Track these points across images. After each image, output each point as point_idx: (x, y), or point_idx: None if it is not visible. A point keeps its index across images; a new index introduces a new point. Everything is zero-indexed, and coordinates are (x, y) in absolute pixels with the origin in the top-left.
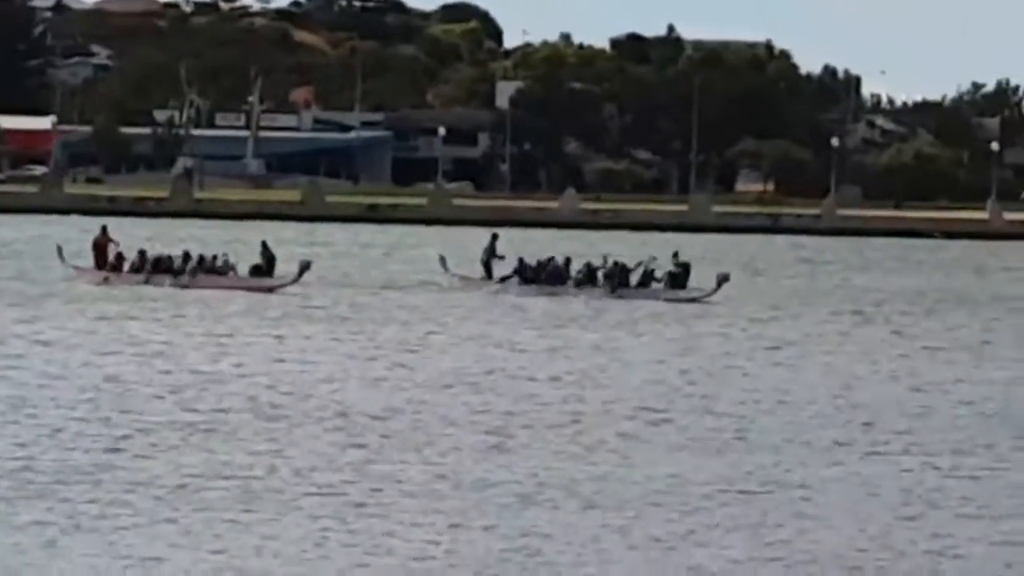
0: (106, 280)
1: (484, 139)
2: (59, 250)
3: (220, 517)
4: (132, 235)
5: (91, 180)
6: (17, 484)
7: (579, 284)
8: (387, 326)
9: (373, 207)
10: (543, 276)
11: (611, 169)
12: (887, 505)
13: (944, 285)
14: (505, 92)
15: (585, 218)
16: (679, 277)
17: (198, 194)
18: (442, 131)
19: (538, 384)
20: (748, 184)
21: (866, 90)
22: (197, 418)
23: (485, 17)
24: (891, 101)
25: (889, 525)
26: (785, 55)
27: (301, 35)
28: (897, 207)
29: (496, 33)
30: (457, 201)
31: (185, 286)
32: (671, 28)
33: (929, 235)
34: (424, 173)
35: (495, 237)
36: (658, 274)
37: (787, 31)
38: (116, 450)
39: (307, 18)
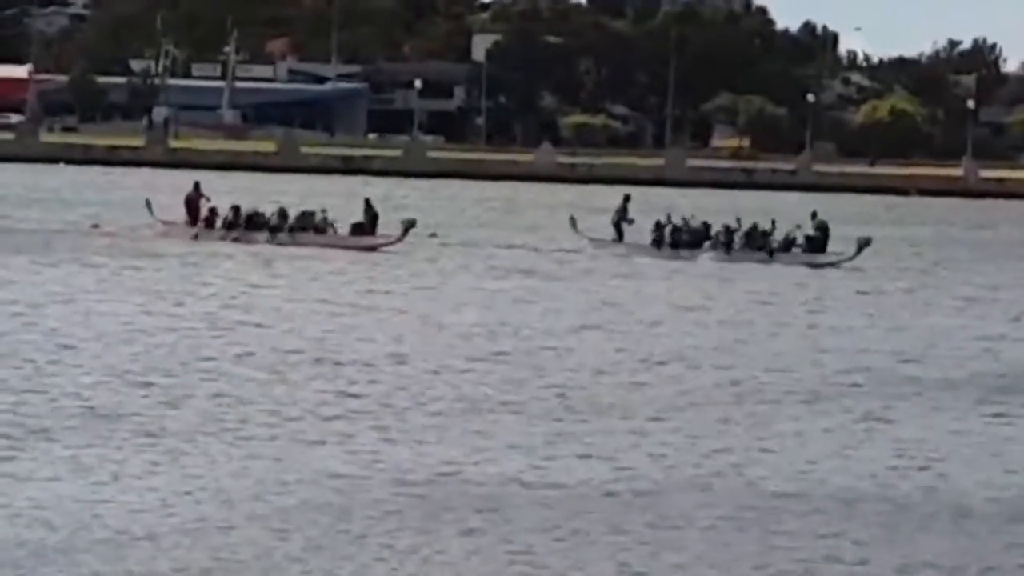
0: (196, 237)
1: (460, 92)
2: (148, 203)
3: None
4: (118, 184)
5: (66, 129)
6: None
7: (715, 247)
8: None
9: (348, 159)
10: (682, 239)
11: (586, 123)
12: None
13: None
14: (481, 45)
15: (560, 172)
16: (817, 240)
17: (173, 143)
18: (418, 84)
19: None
20: (723, 139)
21: (842, 47)
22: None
23: None
24: (867, 58)
25: None
26: (762, 11)
27: None
28: (872, 164)
29: None
30: (432, 154)
31: (282, 244)
32: None
33: (904, 192)
34: (400, 125)
35: (627, 199)
36: (798, 238)
37: None
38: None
39: None
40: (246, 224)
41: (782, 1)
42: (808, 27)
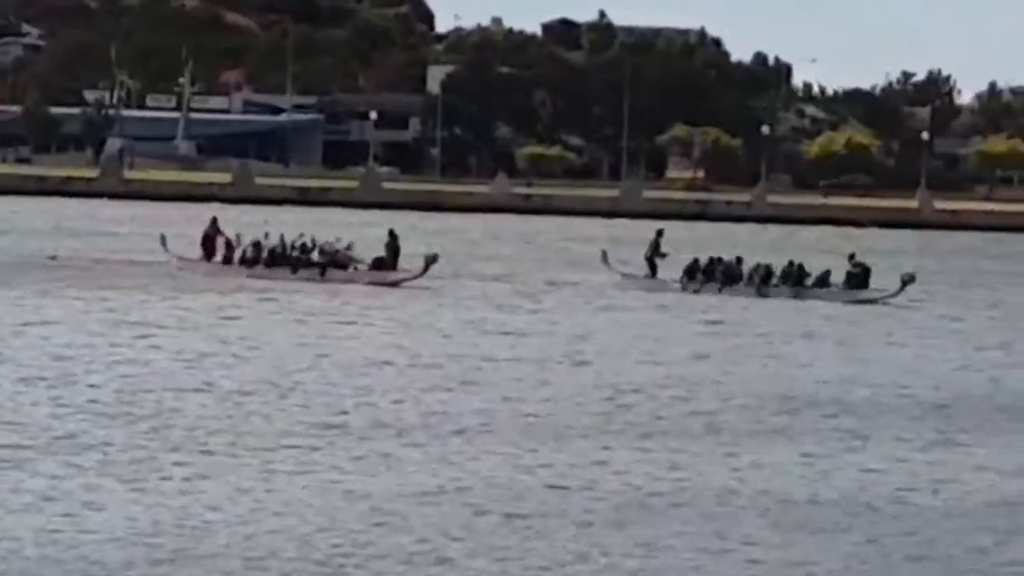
0: (212, 272)
1: (415, 123)
2: (162, 239)
3: None
4: (72, 215)
5: (20, 160)
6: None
7: (751, 283)
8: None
9: (303, 190)
10: (716, 275)
11: (542, 154)
12: None
13: None
14: (436, 76)
15: (516, 203)
16: (858, 277)
17: (128, 175)
18: (373, 115)
19: None
20: (678, 171)
21: (797, 78)
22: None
23: (417, 1)
24: (822, 90)
25: None
26: (716, 43)
27: (232, 17)
28: (826, 195)
29: (427, 17)
30: (387, 185)
31: (305, 280)
32: (602, 14)
33: (859, 224)
34: (355, 157)
35: (660, 233)
36: (834, 277)
37: (718, 19)
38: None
39: (238, 0)
40: (268, 260)
41: (737, 33)
42: (762, 59)
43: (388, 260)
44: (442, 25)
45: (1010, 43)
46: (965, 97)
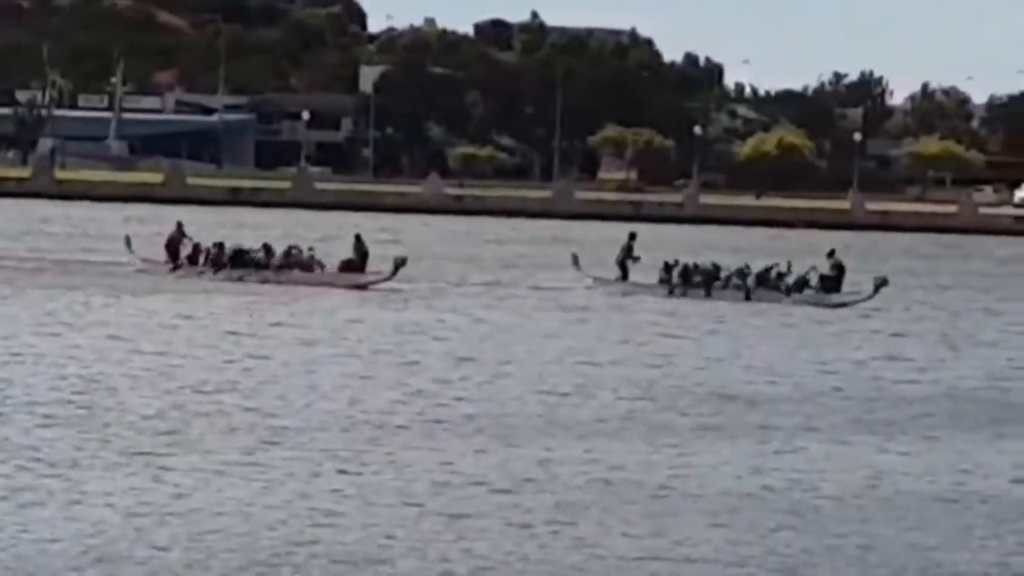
0: (175, 271)
1: (347, 123)
2: (128, 240)
3: None
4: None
5: None
6: None
7: (727, 288)
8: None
9: (235, 190)
10: (695, 279)
11: (474, 155)
12: None
13: None
14: (369, 77)
15: (448, 203)
16: (832, 280)
17: (60, 175)
18: (305, 115)
19: None
20: (611, 171)
21: (729, 79)
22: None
23: (349, 1)
24: (754, 90)
25: None
26: (648, 43)
27: (165, 17)
28: (758, 196)
29: (360, 17)
30: (319, 185)
31: (269, 281)
32: (535, 14)
33: (791, 224)
34: (287, 157)
35: (632, 236)
36: (812, 279)
37: (650, 19)
38: None
39: (171, 0)
40: (231, 262)
41: (669, 34)
42: (694, 59)
43: (357, 262)
44: (374, 25)
45: (942, 44)
46: (897, 98)
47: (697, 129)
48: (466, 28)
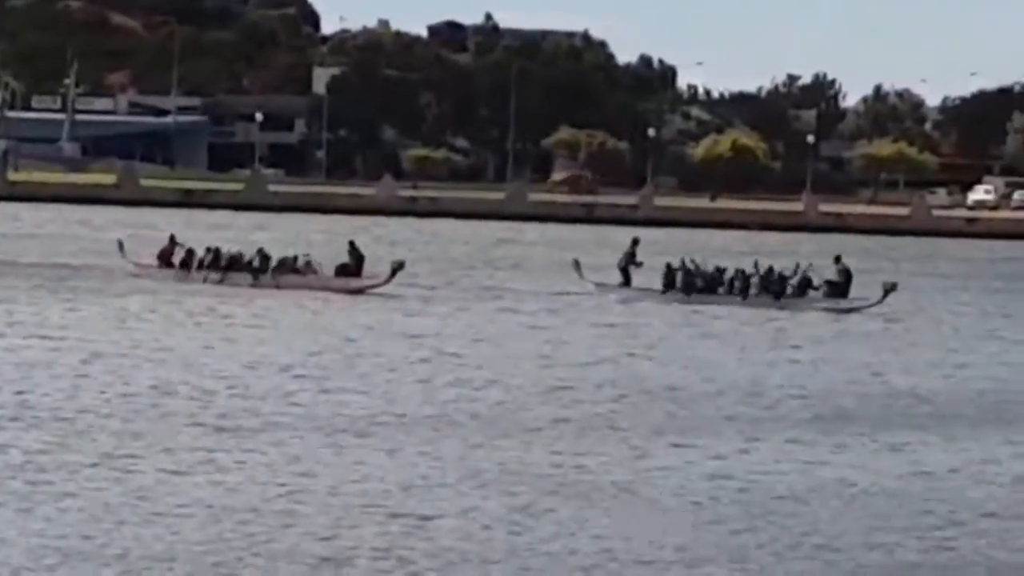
0: (169, 278)
1: (300, 125)
2: (120, 244)
3: None
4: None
5: None
6: None
7: (731, 292)
8: None
9: (188, 192)
10: (695, 284)
11: (427, 157)
12: None
13: None
14: (322, 78)
15: (402, 205)
16: (840, 285)
17: (12, 176)
18: (259, 117)
19: None
20: (564, 173)
21: (682, 81)
22: None
23: (303, 3)
24: (708, 92)
25: None
26: (602, 45)
27: (118, 18)
28: (713, 198)
29: (313, 19)
30: (273, 187)
31: (265, 286)
32: (488, 16)
33: (745, 226)
34: (241, 158)
35: (636, 242)
36: (815, 281)
37: (604, 22)
38: None
39: (124, 1)
40: (227, 267)
41: (623, 36)
42: (647, 61)
43: (353, 267)
44: (328, 27)
45: (896, 46)
46: (851, 100)
47: (651, 131)
48: (420, 30)
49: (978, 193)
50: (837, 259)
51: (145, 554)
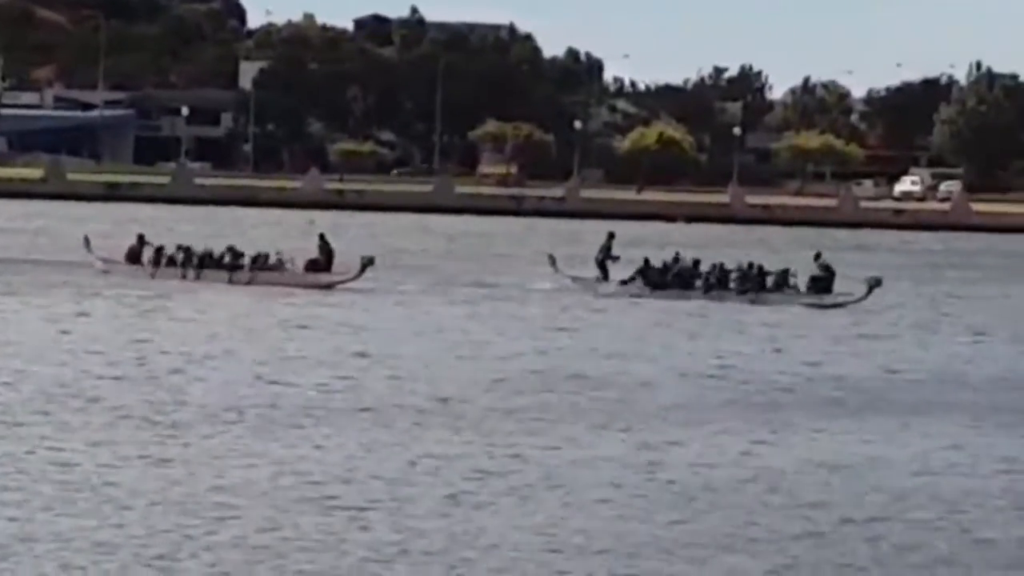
0: (153, 276)
1: (227, 119)
2: (86, 240)
3: None
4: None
5: None
6: None
7: (709, 288)
8: None
9: (115, 185)
10: (669, 279)
11: (354, 150)
12: None
13: None
14: (248, 72)
15: (328, 198)
16: (823, 280)
17: None
18: (185, 111)
19: None
20: (491, 166)
21: (609, 74)
22: None
23: None
24: (634, 85)
25: None
26: (529, 38)
27: (44, 13)
28: (639, 190)
29: (239, 12)
30: (199, 180)
31: (239, 283)
32: (414, 9)
33: (671, 218)
34: (167, 152)
35: (611, 236)
36: (792, 278)
37: (530, 15)
38: None
39: None
40: (201, 264)
41: (549, 29)
42: (574, 54)
43: (322, 262)
44: (254, 20)
45: (822, 38)
46: (777, 92)
47: (577, 123)
48: (346, 23)
49: (904, 184)
50: (817, 256)
51: (82, 547)
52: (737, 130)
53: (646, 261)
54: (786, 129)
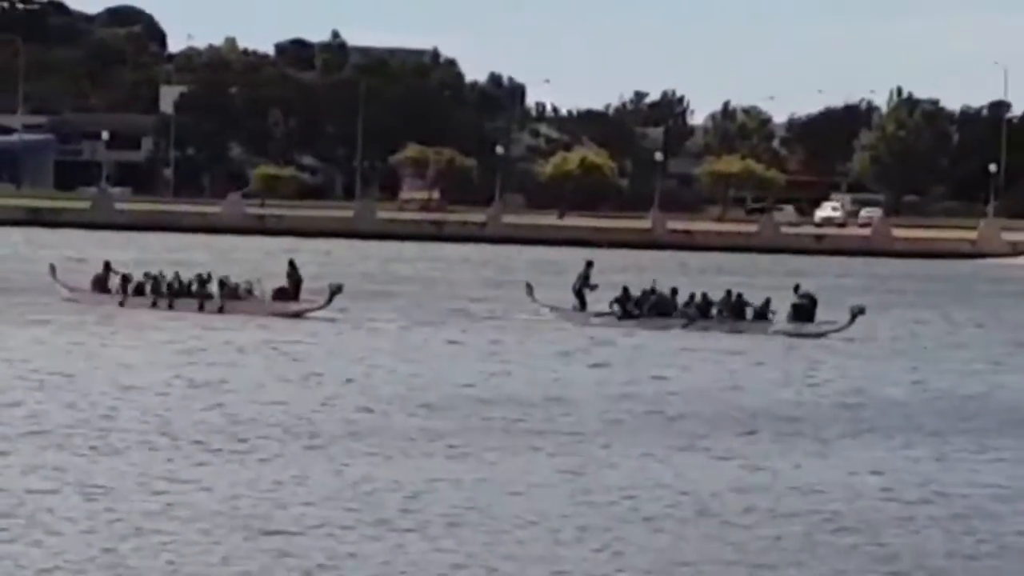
0: (122, 304)
1: (147, 143)
2: (52, 268)
3: None
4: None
5: None
6: None
7: (688, 318)
8: None
9: (35, 210)
10: (647, 308)
11: (275, 175)
12: None
13: None
14: (169, 96)
15: (249, 223)
16: (805, 309)
17: None
18: (105, 135)
19: None
20: (412, 191)
21: (531, 99)
22: None
23: (150, 20)
24: (556, 110)
25: None
26: (451, 63)
27: None
28: (561, 216)
29: (160, 36)
30: (120, 205)
31: (211, 312)
32: (336, 34)
33: (594, 244)
34: (88, 177)
35: (589, 264)
36: (774, 306)
37: (453, 40)
38: None
39: None
40: (172, 292)
41: (471, 54)
42: (496, 79)
43: (290, 290)
44: (174, 45)
45: (744, 64)
46: (699, 117)
47: (499, 148)
48: (267, 48)
49: (825, 210)
50: (796, 288)
51: (10, 571)
52: (658, 155)
53: (624, 290)
54: (707, 154)
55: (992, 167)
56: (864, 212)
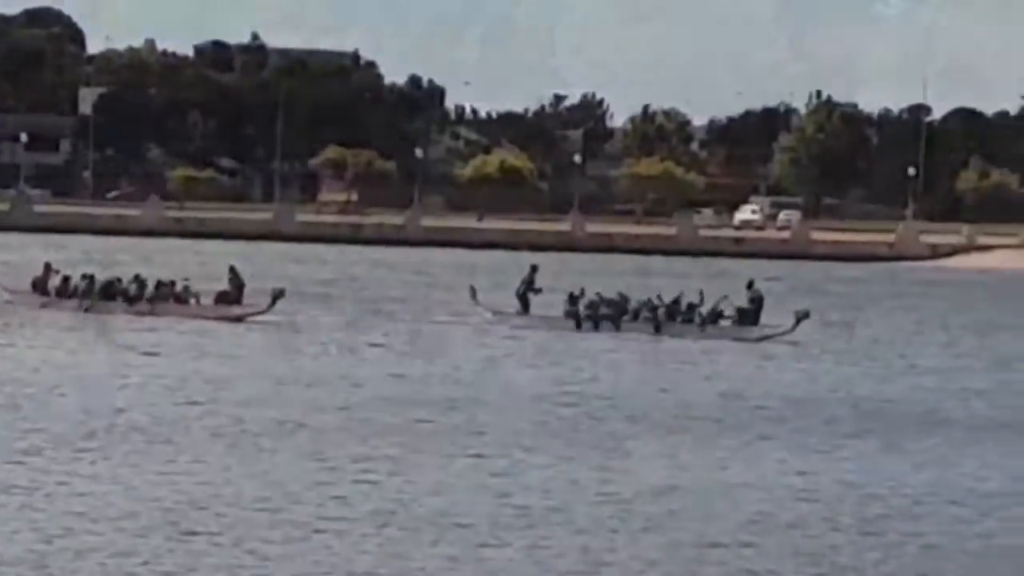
0: (44, 306)
1: (66, 145)
2: None
3: None
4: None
5: None
6: None
7: (636, 320)
8: None
9: None
10: (600, 312)
11: (194, 177)
12: None
13: None
14: (88, 98)
15: (168, 226)
16: (749, 313)
17: None
18: (24, 137)
19: None
20: (332, 193)
21: (450, 101)
22: None
23: (69, 22)
24: (475, 112)
25: None
26: (371, 65)
27: None
28: (480, 218)
29: (79, 38)
30: (39, 208)
31: (142, 313)
32: (255, 36)
33: (513, 247)
34: (6, 179)
35: (534, 269)
36: (726, 310)
37: (372, 42)
38: None
39: None
40: (101, 293)
41: (391, 55)
42: (416, 81)
43: (233, 294)
44: (93, 46)
45: (663, 67)
46: (618, 120)
47: (418, 151)
48: (186, 50)
49: (744, 213)
50: (750, 284)
51: None
52: (578, 158)
53: (571, 296)
54: (627, 157)
55: (911, 170)
56: (783, 215)
